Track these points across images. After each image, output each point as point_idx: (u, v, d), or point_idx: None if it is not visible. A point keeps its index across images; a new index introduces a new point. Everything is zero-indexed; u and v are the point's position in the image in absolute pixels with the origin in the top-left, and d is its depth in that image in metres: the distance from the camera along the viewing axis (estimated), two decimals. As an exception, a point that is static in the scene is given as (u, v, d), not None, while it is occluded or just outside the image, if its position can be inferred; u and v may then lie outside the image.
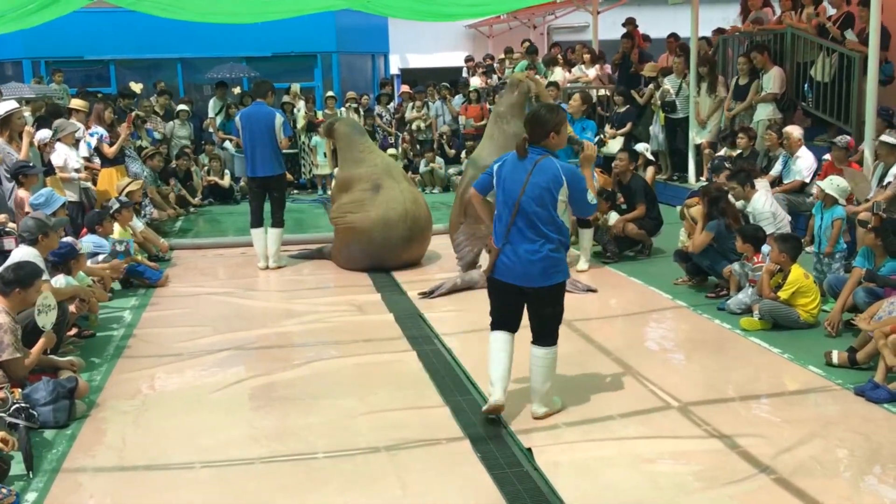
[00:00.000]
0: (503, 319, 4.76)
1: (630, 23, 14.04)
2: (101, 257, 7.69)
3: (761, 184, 8.26)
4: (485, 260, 8.07)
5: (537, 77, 8.86)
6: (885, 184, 7.60)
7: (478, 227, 7.80)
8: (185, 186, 13.08)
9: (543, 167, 4.49)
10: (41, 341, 5.16)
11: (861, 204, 7.45)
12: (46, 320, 5.20)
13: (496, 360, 4.73)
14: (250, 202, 8.95)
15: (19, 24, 9.83)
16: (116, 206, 8.56)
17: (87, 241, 7.66)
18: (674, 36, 13.22)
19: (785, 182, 9.18)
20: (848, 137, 8.78)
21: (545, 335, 4.70)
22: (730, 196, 7.64)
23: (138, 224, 9.27)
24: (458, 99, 15.58)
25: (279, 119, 8.57)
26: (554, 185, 4.46)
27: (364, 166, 8.69)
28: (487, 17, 20.28)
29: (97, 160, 9.86)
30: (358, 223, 8.39)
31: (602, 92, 13.73)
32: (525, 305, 4.71)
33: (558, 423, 4.66)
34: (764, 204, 7.63)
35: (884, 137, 7.89)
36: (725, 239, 7.14)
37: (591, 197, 4.63)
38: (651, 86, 12.58)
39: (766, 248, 6.72)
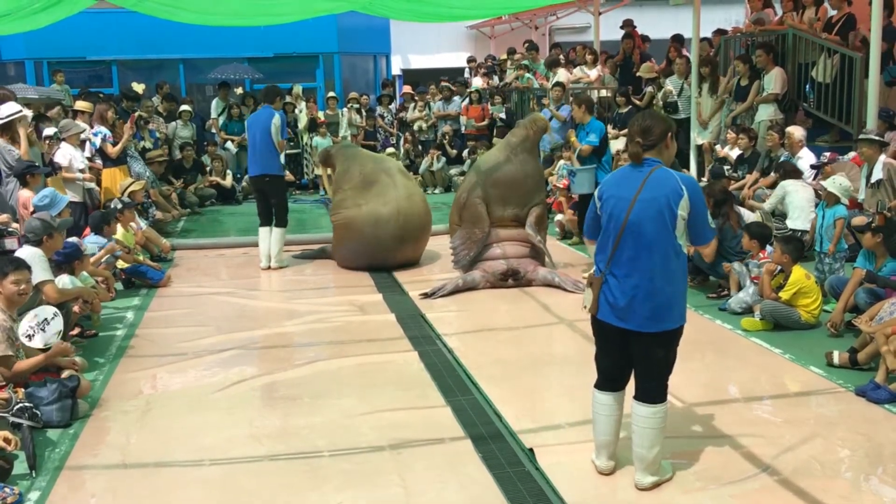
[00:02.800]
0: (608, 372, 3.98)
1: (628, 24, 14.06)
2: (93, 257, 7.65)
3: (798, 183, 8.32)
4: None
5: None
6: (873, 182, 7.59)
7: (473, 232, 7.82)
8: (193, 181, 13.16)
9: (659, 178, 3.74)
10: (48, 353, 5.07)
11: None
12: (46, 338, 5.12)
13: (601, 425, 4.01)
14: (256, 204, 9.10)
15: (24, 26, 9.84)
16: (119, 206, 8.58)
17: (90, 242, 7.67)
18: (677, 39, 13.23)
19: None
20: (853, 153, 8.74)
21: (651, 388, 3.85)
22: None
23: (141, 224, 9.29)
24: (458, 100, 15.59)
25: (277, 120, 8.62)
26: (673, 198, 3.68)
27: (356, 167, 8.79)
28: (489, 18, 20.28)
29: (99, 160, 9.88)
30: (350, 219, 8.44)
31: (603, 93, 13.74)
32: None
33: (561, 423, 4.67)
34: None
35: (865, 134, 7.89)
36: (726, 238, 7.13)
37: (712, 220, 3.84)
38: (652, 87, 12.58)
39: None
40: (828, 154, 8.84)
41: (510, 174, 7.84)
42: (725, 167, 10.02)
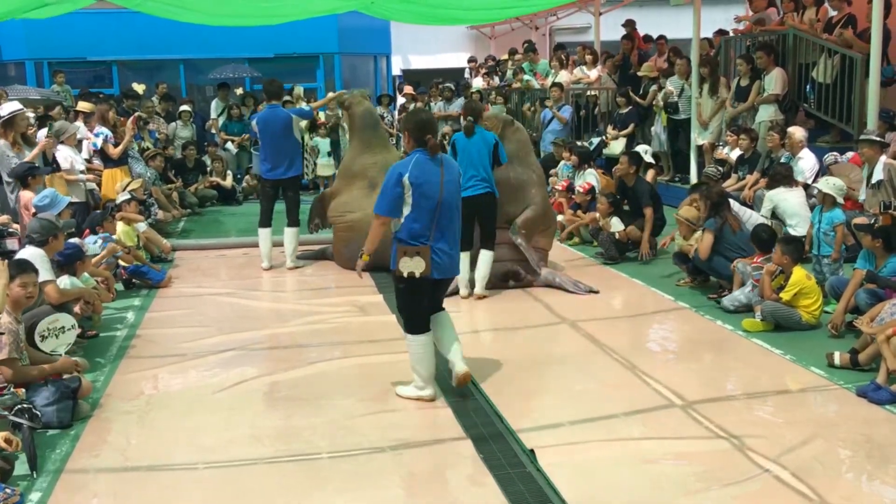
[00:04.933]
0: (426, 314, 5.05)
1: (629, 24, 14.07)
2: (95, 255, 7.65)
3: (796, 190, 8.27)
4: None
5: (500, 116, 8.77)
6: (874, 182, 7.58)
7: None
8: (195, 181, 13.16)
9: (447, 163, 4.94)
10: (55, 365, 5.02)
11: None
12: (57, 344, 5.10)
13: (430, 358, 5.05)
14: (261, 202, 8.96)
15: (21, 14, 9.87)
16: (126, 198, 8.63)
17: (89, 243, 7.67)
18: (663, 38, 13.25)
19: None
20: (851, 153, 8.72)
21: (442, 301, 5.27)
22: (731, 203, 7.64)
23: (140, 225, 9.28)
24: (460, 101, 15.58)
25: (294, 118, 8.72)
26: (458, 178, 5.01)
27: (366, 157, 8.82)
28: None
29: (97, 161, 9.89)
30: (355, 222, 8.43)
31: (589, 93, 13.79)
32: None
33: (562, 422, 4.67)
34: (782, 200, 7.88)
35: (865, 135, 7.87)
36: (725, 237, 7.12)
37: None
38: (654, 87, 12.59)
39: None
40: (835, 154, 8.83)
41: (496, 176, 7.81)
42: (715, 168, 9.95)
